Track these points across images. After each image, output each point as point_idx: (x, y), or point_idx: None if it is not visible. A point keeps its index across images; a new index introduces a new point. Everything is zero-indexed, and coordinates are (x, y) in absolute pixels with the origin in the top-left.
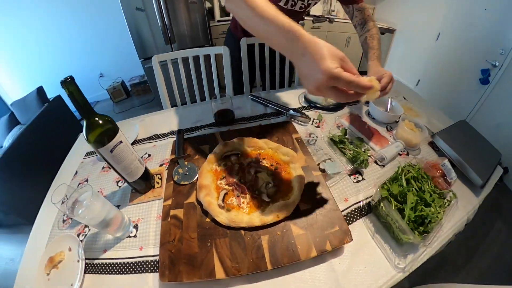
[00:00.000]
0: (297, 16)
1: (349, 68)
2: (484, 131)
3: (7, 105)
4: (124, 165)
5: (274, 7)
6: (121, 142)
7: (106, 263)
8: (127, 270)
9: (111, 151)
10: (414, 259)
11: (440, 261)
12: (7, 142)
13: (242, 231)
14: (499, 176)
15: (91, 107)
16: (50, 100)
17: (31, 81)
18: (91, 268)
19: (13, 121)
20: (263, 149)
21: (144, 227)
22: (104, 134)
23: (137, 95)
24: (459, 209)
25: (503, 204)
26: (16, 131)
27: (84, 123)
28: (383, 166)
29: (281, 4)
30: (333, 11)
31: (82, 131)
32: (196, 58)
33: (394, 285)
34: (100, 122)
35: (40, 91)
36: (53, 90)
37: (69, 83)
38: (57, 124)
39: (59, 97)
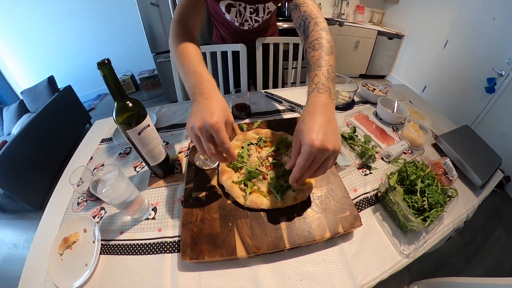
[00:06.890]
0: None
1: (228, 132)
2: (488, 139)
3: (16, 93)
4: (149, 148)
5: (194, 56)
6: (148, 125)
7: (123, 244)
8: (144, 251)
9: (139, 134)
10: (417, 247)
11: (439, 264)
12: (16, 130)
13: (262, 213)
14: (499, 180)
15: (123, 90)
16: (61, 89)
17: (41, 70)
18: (107, 249)
19: (22, 109)
20: None
21: (163, 210)
22: (134, 117)
23: (146, 89)
24: (460, 206)
25: (503, 211)
26: (25, 119)
27: (115, 105)
28: (389, 162)
29: (244, 28)
30: (343, 14)
31: (90, 122)
32: (213, 54)
33: (397, 271)
34: (130, 105)
35: (51, 80)
36: (63, 80)
37: (104, 66)
38: (66, 114)
39: (69, 87)
